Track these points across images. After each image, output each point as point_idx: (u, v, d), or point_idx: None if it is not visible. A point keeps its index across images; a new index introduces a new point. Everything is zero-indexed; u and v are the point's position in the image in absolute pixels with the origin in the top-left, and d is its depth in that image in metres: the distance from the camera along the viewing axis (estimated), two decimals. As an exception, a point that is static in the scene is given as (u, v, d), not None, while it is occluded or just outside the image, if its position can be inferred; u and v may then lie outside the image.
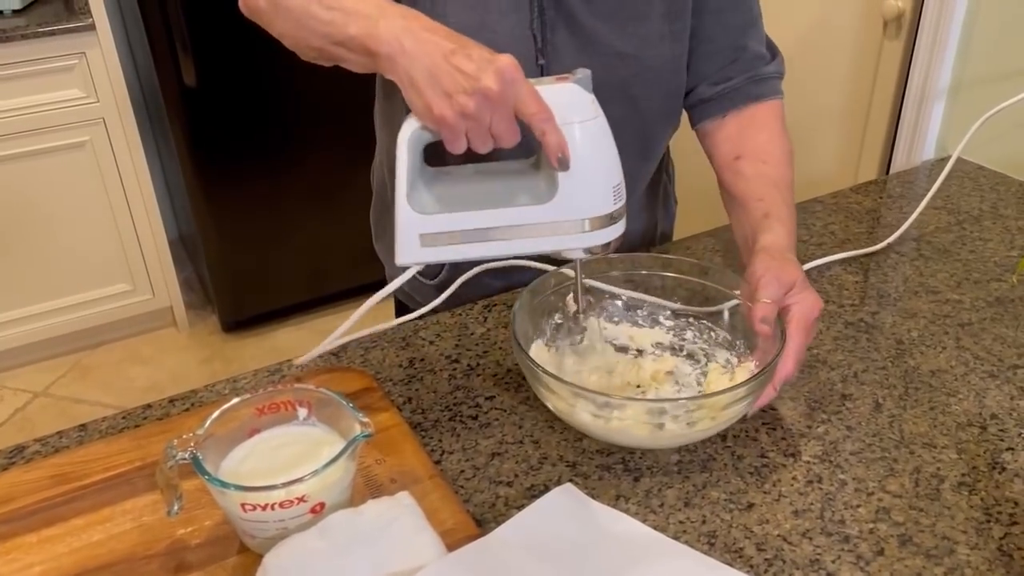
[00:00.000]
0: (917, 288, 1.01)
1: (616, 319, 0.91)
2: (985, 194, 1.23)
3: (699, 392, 0.83)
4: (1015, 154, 1.28)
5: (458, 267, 1.10)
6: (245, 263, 2.49)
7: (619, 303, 0.91)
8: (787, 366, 0.76)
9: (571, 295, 0.86)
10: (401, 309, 1.20)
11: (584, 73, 0.71)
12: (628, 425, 0.74)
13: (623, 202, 0.74)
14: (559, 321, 0.88)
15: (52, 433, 0.81)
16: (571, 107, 0.70)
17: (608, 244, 0.75)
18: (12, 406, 2.32)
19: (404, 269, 0.78)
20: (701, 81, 1.01)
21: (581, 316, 0.84)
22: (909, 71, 1.40)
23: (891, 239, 1.09)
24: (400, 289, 1.19)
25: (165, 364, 2.48)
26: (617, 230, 0.75)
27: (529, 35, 0.92)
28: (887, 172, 1.53)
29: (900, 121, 1.44)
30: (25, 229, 2.26)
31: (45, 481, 0.73)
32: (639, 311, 0.91)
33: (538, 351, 0.85)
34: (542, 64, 0.94)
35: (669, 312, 0.89)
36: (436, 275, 1.12)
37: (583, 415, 0.75)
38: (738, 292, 0.85)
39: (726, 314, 0.87)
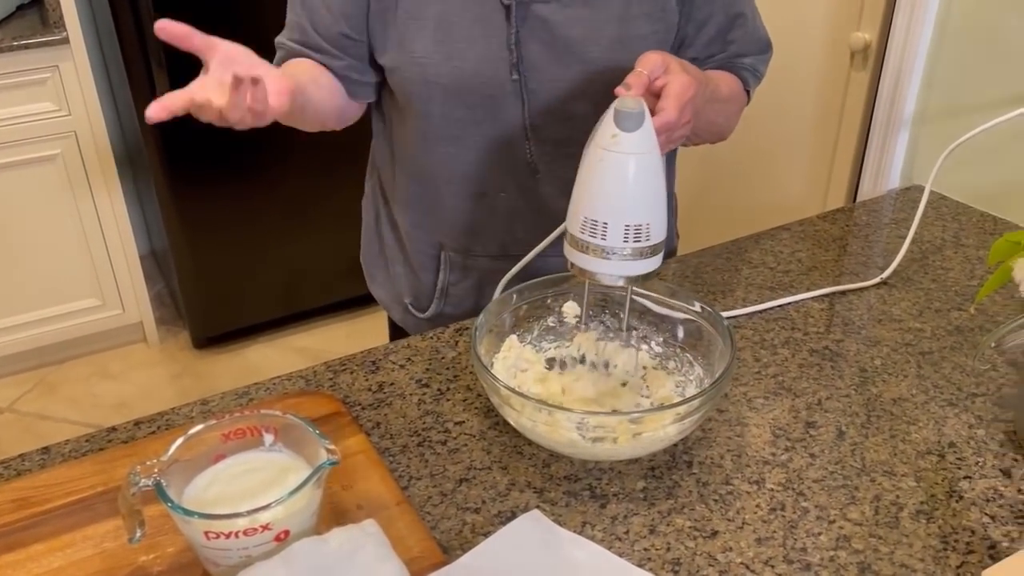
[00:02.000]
0: (880, 316, 1.03)
1: (611, 336, 0.92)
2: (947, 223, 1.25)
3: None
4: (976, 184, 1.31)
5: (447, 298, 1.11)
6: (217, 279, 2.47)
7: (617, 320, 0.93)
8: (660, 138, 0.79)
9: (570, 302, 0.92)
10: (396, 334, 1.21)
11: (627, 103, 0.75)
12: (549, 431, 0.76)
13: (601, 240, 0.76)
14: (551, 324, 0.92)
15: (14, 456, 0.80)
16: (598, 125, 0.76)
17: (583, 270, 0.78)
18: (-25, 422, 2.28)
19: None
20: None
21: (626, 333, 0.90)
22: (875, 101, 1.43)
23: (886, 274, 1.10)
24: (394, 321, 1.20)
25: (134, 380, 2.45)
26: (589, 263, 0.77)
27: (504, 54, 0.94)
28: (855, 200, 1.56)
29: (866, 150, 1.47)
30: (-7, 242, 2.24)
31: (6, 505, 0.72)
32: (634, 331, 0.92)
33: (511, 344, 0.89)
34: (515, 79, 0.96)
35: (662, 339, 0.91)
36: (427, 308, 1.12)
37: (511, 412, 0.77)
38: (696, 307, 0.87)
39: (680, 331, 0.90)
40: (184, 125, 2.38)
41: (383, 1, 0.94)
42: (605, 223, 0.75)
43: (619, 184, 0.75)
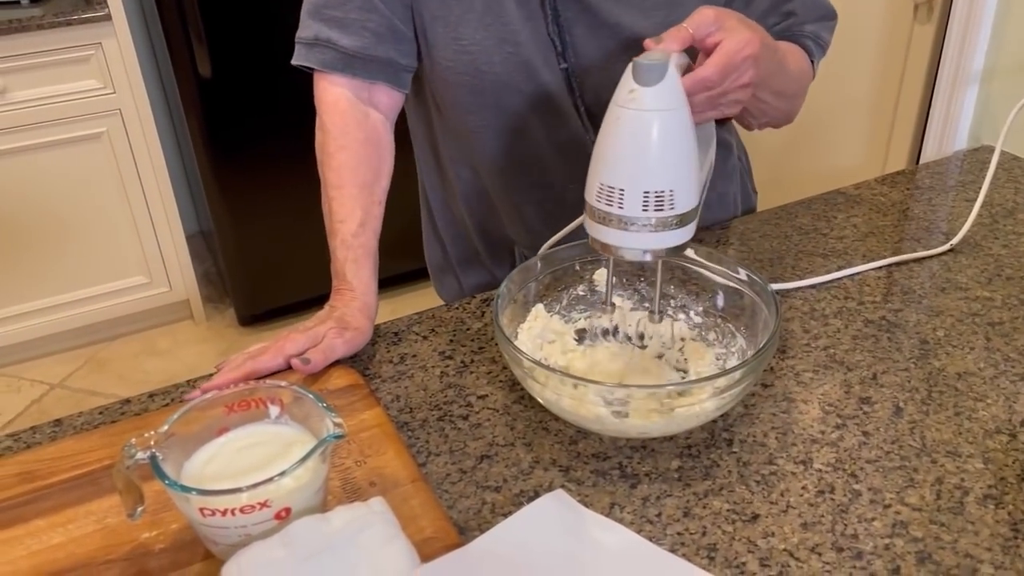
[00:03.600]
0: (944, 284, 0.95)
1: (646, 305, 0.86)
2: (1020, 185, 1.15)
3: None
4: (1053, 143, 1.20)
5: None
6: (262, 256, 2.46)
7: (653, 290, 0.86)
8: (696, 98, 0.71)
9: (601, 270, 0.86)
10: None
11: (650, 55, 0.66)
12: (575, 405, 0.70)
13: (618, 209, 0.68)
14: (581, 293, 0.86)
15: (25, 428, 0.78)
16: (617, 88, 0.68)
17: (602, 244, 0.71)
18: (29, 398, 2.32)
19: None
20: None
21: (656, 317, 0.82)
22: (941, 56, 1.33)
23: (955, 241, 1.01)
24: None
25: (181, 357, 2.47)
26: (608, 234, 0.69)
27: (548, 41, 0.88)
28: (917, 163, 1.46)
29: (931, 109, 1.37)
30: (42, 221, 2.26)
31: (10, 479, 0.70)
32: (672, 300, 0.86)
33: (537, 314, 0.83)
34: (564, 68, 0.89)
35: (701, 309, 0.84)
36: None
37: (535, 385, 0.72)
38: (741, 275, 0.80)
39: (721, 299, 0.83)
40: (226, 102, 2.37)
41: None
42: (622, 190, 0.67)
43: (636, 145, 0.66)
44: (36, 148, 2.17)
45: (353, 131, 0.91)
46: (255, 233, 2.42)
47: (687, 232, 0.70)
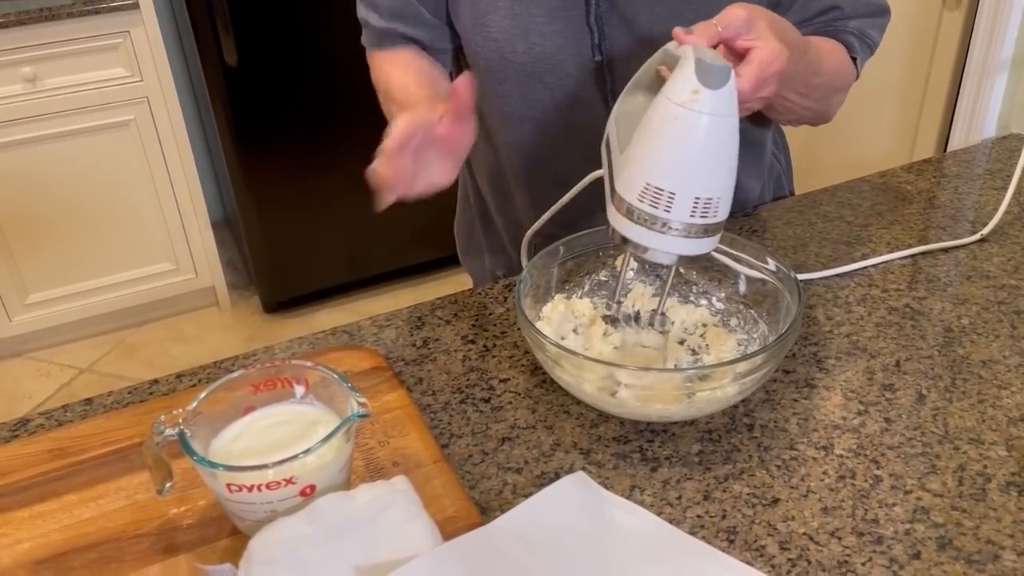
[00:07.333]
0: (970, 273, 0.94)
1: (668, 291, 0.86)
2: (1050, 174, 1.14)
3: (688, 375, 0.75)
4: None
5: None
6: (286, 244, 2.48)
7: (678, 276, 0.87)
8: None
9: (622, 257, 0.84)
10: None
11: (705, 52, 0.64)
12: (596, 389, 0.70)
13: (664, 212, 0.66)
14: (603, 279, 0.86)
15: (57, 407, 0.80)
16: (671, 78, 0.66)
17: (635, 244, 0.69)
18: (58, 382, 2.36)
19: None
20: None
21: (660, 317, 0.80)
22: (969, 44, 1.32)
23: (986, 230, 0.99)
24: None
25: (207, 343, 2.50)
26: (644, 236, 0.68)
27: (584, 31, 0.88)
28: (944, 151, 1.44)
29: (959, 97, 1.35)
30: (70, 207, 2.29)
31: (43, 455, 0.71)
32: (694, 287, 0.86)
33: (559, 299, 0.84)
34: (599, 60, 0.90)
35: (724, 295, 0.84)
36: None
37: (556, 369, 0.72)
38: (770, 265, 0.80)
39: (743, 286, 0.83)
40: (252, 90, 2.38)
41: None
42: (672, 193, 0.65)
43: (695, 149, 0.64)
44: (65, 136, 2.20)
45: (408, 57, 0.96)
46: (280, 221, 2.44)
47: (717, 240, 0.70)
